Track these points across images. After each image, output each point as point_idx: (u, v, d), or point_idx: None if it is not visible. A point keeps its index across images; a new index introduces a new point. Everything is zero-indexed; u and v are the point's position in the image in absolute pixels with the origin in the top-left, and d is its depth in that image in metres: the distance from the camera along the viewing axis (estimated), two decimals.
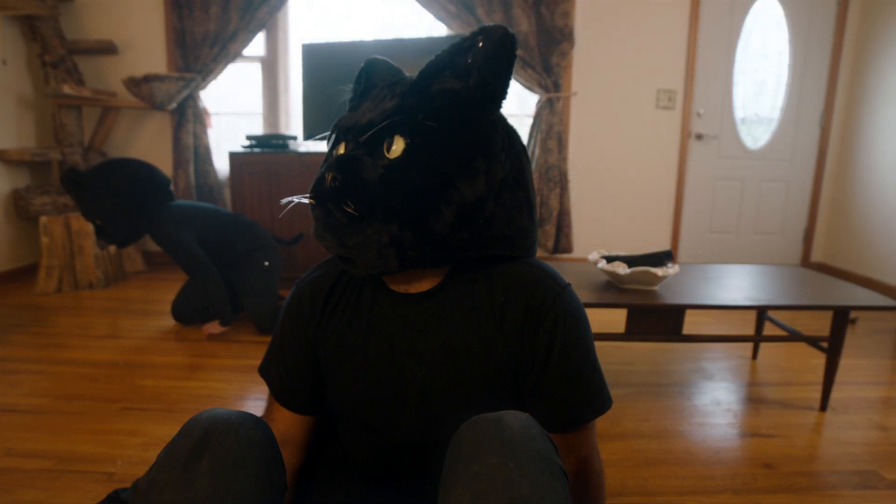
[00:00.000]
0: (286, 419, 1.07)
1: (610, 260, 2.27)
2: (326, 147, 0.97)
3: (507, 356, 0.94)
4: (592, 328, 0.99)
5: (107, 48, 4.41)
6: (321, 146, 4.28)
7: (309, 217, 3.53)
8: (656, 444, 1.96)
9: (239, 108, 4.74)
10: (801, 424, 2.14)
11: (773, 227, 4.74)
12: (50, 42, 4.16)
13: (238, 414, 0.85)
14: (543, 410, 0.95)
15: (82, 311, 3.41)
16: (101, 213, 2.76)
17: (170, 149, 4.55)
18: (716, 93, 4.52)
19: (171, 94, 4.20)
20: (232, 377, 2.47)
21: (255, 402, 2.24)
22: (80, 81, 4.33)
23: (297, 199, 0.90)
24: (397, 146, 0.84)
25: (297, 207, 3.78)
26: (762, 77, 4.56)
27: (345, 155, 0.86)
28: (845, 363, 2.69)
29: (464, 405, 0.93)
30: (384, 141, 0.85)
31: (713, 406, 2.28)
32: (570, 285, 0.97)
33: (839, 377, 2.47)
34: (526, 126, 4.51)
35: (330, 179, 0.83)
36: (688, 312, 2.13)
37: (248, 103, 4.72)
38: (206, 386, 2.39)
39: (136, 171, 2.83)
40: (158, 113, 4.54)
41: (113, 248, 4.10)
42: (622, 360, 2.75)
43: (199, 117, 4.45)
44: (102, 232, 2.81)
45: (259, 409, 2.08)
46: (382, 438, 1.03)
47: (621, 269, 2.15)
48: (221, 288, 2.93)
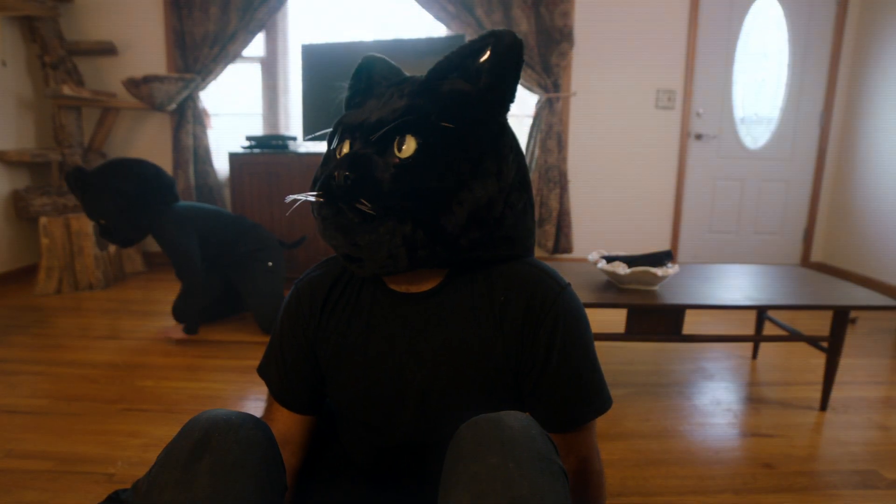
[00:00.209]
0: (286, 419, 1.07)
1: (610, 260, 2.27)
2: (328, 145, 0.97)
3: (506, 356, 0.94)
4: (592, 328, 1.00)
5: (106, 49, 4.41)
6: (321, 147, 4.28)
7: (309, 218, 3.49)
8: (656, 444, 1.96)
9: (238, 108, 4.74)
10: (801, 424, 2.14)
11: (773, 226, 4.74)
12: (49, 43, 4.16)
13: (238, 415, 0.85)
14: (543, 410, 0.95)
15: (82, 312, 3.41)
16: (105, 212, 2.76)
17: (169, 149, 4.55)
18: (715, 92, 4.52)
19: (170, 94, 4.21)
20: (232, 378, 2.47)
21: (255, 403, 2.24)
22: (79, 82, 4.34)
23: (303, 197, 0.88)
24: (409, 146, 0.84)
25: (299, 209, 3.78)
26: (762, 76, 4.56)
27: (355, 153, 0.86)
28: (845, 363, 2.69)
29: (463, 405, 0.93)
30: (394, 140, 0.85)
31: (713, 406, 2.28)
32: (570, 285, 0.98)
33: (839, 377, 2.47)
34: (525, 126, 4.51)
35: (342, 177, 0.83)
36: (688, 312, 2.13)
37: (248, 104, 4.72)
38: (206, 387, 2.39)
39: (142, 172, 2.82)
40: (158, 114, 4.54)
41: (113, 248, 4.11)
42: (622, 360, 2.76)
43: (198, 118, 4.45)
44: (106, 232, 2.81)
45: (259, 409, 2.08)
46: (382, 438, 1.03)
47: (621, 269, 2.15)
48: (201, 298, 2.91)
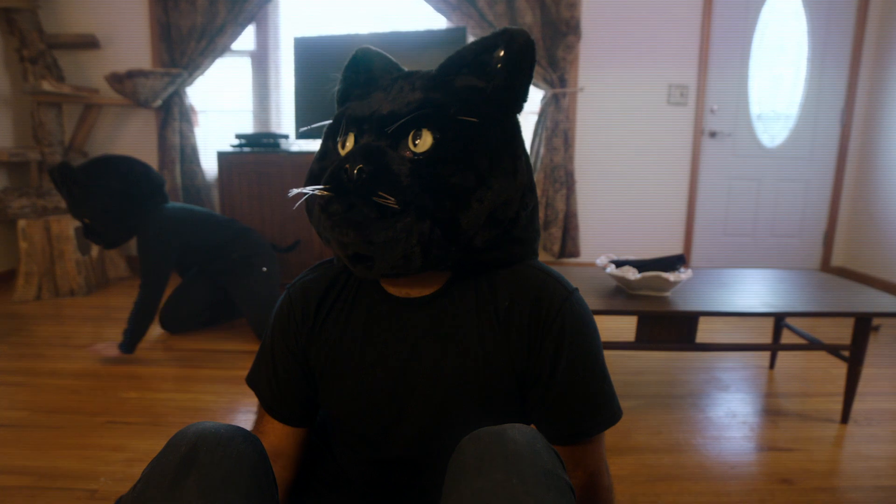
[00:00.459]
0: (277, 432, 1.06)
1: (619, 264, 2.27)
2: (325, 138, 0.97)
3: (511, 365, 0.94)
4: (601, 336, 1.00)
5: (88, 42, 4.42)
6: (315, 145, 4.28)
7: (303, 221, 3.49)
8: (668, 459, 1.96)
9: (227, 105, 4.75)
10: (821, 437, 2.14)
11: (791, 229, 4.75)
12: (28, 36, 4.17)
13: (227, 428, 0.85)
14: (549, 422, 0.95)
15: (63, 320, 3.42)
16: (90, 211, 2.75)
17: (155, 148, 4.57)
18: (730, 88, 4.53)
19: (156, 90, 4.22)
20: (221, 389, 2.48)
21: (246, 416, 2.24)
22: (60, 78, 4.35)
23: (310, 191, 0.87)
24: (425, 140, 0.85)
25: (291, 211, 3.78)
26: (779, 71, 4.57)
27: (368, 145, 0.86)
28: (868, 373, 2.70)
29: (465, 417, 0.94)
30: (409, 134, 0.86)
31: (728, 418, 2.28)
32: (578, 290, 0.98)
33: (861, 387, 2.47)
34: (530, 123, 4.52)
35: (355, 170, 0.82)
36: (701, 320, 2.14)
37: (238, 100, 4.73)
38: (195, 398, 2.39)
39: (131, 170, 2.82)
40: (143, 111, 4.56)
41: (95, 253, 4.11)
42: (632, 369, 2.76)
43: (185, 115, 4.46)
44: (90, 231, 2.81)
45: (250, 422, 2.08)
46: (378, 452, 1.02)
47: (631, 274, 2.15)
48: (153, 317, 2.83)
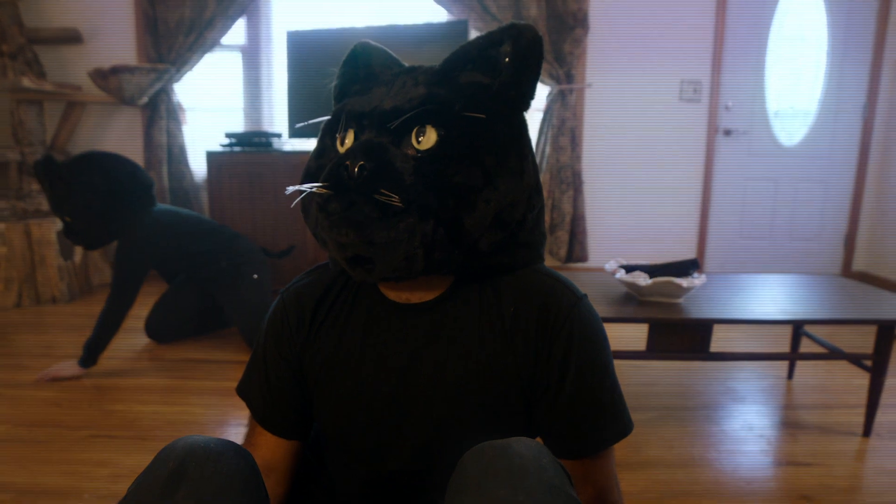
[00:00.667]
0: (270, 445, 1.06)
1: (629, 269, 2.27)
2: (323, 135, 0.97)
3: (517, 375, 0.94)
4: (610, 344, 1.00)
5: (71, 37, 4.44)
6: (309, 144, 4.29)
7: (296, 225, 3.48)
8: (682, 474, 1.97)
9: (217, 102, 4.77)
10: (842, 452, 2.14)
11: (811, 232, 4.75)
12: (8, 30, 4.19)
13: (218, 442, 0.85)
14: (557, 435, 0.95)
15: (45, 328, 3.42)
16: (72, 209, 2.74)
17: (141, 148, 4.58)
18: (746, 83, 4.54)
19: (142, 87, 4.23)
20: (211, 401, 2.48)
21: (237, 429, 2.25)
22: (41, 74, 4.36)
23: (308, 188, 0.87)
24: (428, 137, 0.85)
25: (284, 215, 3.79)
26: (798, 65, 4.58)
27: (369, 141, 0.86)
28: (891, 383, 2.69)
29: (467, 430, 0.94)
30: (412, 130, 0.86)
31: (745, 431, 2.29)
32: (587, 296, 0.98)
33: (884, 399, 2.47)
34: (535, 121, 4.53)
35: (356, 167, 0.82)
36: (716, 328, 2.14)
37: (228, 97, 4.75)
38: (183, 411, 2.40)
39: (118, 169, 2.82)
40: (128, 108, 4.57)
41: (78, 258, 4.12)
42: (643, 380, 2.76)
43: (173, 113, 4.48)
44: (70, 231, 2.79)
45: (242, 435, 2.08)
46: (376, 467, 1.02)
47: (642, 279, 2.16)
48: (118, 327, 2.80)
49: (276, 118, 4.72)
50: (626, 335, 2.46)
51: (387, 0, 4.59)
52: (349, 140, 0.91)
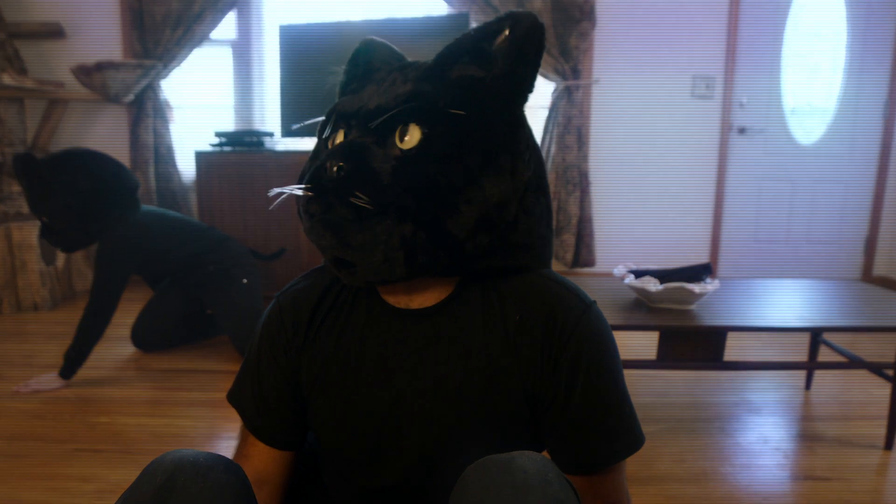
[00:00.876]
0: (262, 455, 1.06)
1: (639, 275, 2.28)
2: (318, 135, 0.98)
3: (522, 385, 0.93)
4: (619, 353, 0.99)
5: (53, 31, 4.45)
6: (303, 144, 4.30)
7: (289, 228, 3.48)
8: (694, 489, 1.97)
9: (206, 100, 4.77)
10: (862, 466, 2.14)
11: (829, 235, 4.75)
12: None
13: (207, 456, 0.85)
14: (564, 449, 0.95)
15: (26, 337, 3.43)
16: (51, 209, 2.70)
17: (126, 148, 4.58)
18: (761, 79, 4.55)
19: (127, 84, 4.23)
20: (200, 413, 2.48)
21: (228, 442, 2.25)
22: (21, 70, 4.36)
23: (289, 191, 0.89)
24: (412, 136, 0.85)
25: (276, 218, 3.79)
26: (815, 60, 4.58)
27: (351, 142, 0.87)
28: None
29: (469, 443, 0.94)
30: (396, 129, 0.86)
31: (760, 444, 2.29)
32: (595, 302, 0.98)
33: None
34: (540, 119, 4.53)
35: (334, 169, 0.83)
36: (730, 335, 2.14)
37: (217, 95, 4.75)
38: (171, 423, 2.40)
39: (102, 168, 2.80)
40: (113, 106, 4.58)
41: (61, 263, 4.12)
42: (653, 391, 2.77)
43: (160, 111, 4.49)
44: (48, 232, 2.76)
45: (232, 449, 2.09)
46: (373, 480, 1.02)
47: (652, 285, 2.16)
48: (100, 335, 2.80)
49: (268, 117, 4.73)
50: (636, 343, 2.46)
51: None
52: (339, 140, 0.91)
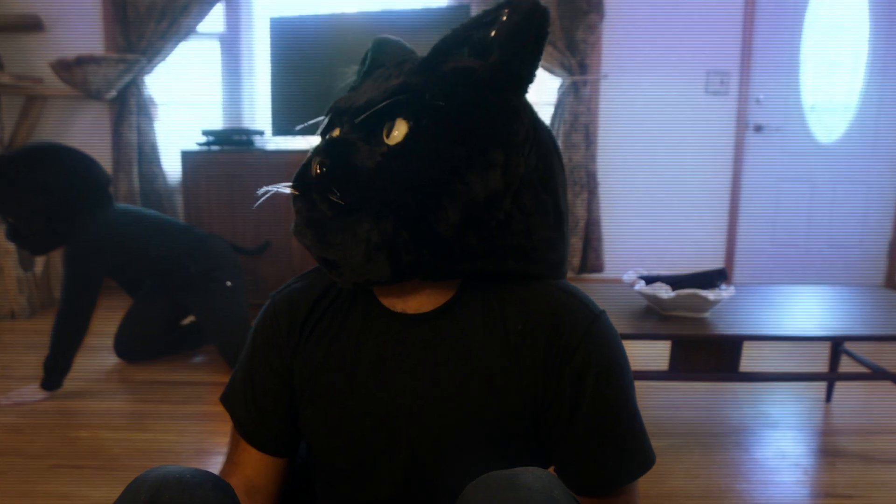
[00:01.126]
0: (255, 463, 1.06)
1: (650, 281, 2.28)
2: (320, 136, 0.99)
3: (524, 398, 0.93)
4: (630, 365, 0.98)
5: (31, 24, 4.45)
6: (295, 143, 4.30)
7: (280, 231, 3.47)
8: None
9: (193, 96, 4.78)
10: (886, 483, 2.14)
11: (851, 239, 4.75)
12: None
13: (194, 472, 0.85)
14: (571, 468, 0.94)
15: (2, 346, 3.43)
16: (16, 209, 2.69)
17: (109, 147, 4.59)
18: (779, 74, 4.56)
19: (109, 79, 4.24)
20: (186, 427, 2.49)
21: (216, 458, 2.25)
22: None
23: (276, 189, 0.91)
24: (399, 130, 0.86)
25: (264, 214, 3.79)
26: (836, 54, 4.59)
27: (336, 138, 0.88)
28: None
29: (469, 457, 0.93)
30: (384, 124, 0.87)
31: (778, 460, 2.29)
32: (605, 312, 0.97)
33: None
34: (545, 116, 4.53)
35: (317, 166, 0.85)
36: (746, 345, 2.14)
37: (205, 91, 4.77)
38: (155, 438, 2.40)
39: (72, 165, 2.78)
40: (95, 103, 4.58)
41: (40, 268, 4.12)
42: (665, 404, 2.77)
43: (144, 108, 4.49)
44: (15, 234, 2.76)
45: (220, 465, 2.09)
46: (365, 492, 1.02)
47: (664, 291, 2.16)
48: (80, 341, 2.80)
49: (258, 114, 4.74)
50: (647, 353, 2.46)
51: None
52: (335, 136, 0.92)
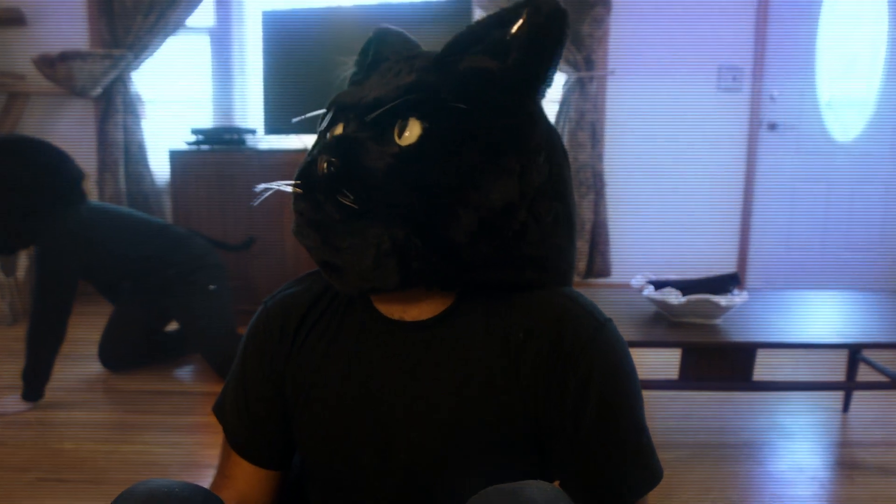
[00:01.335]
0: (247, 476, 1.06)
1: (659, 286, 2.29)
2: (318, 130, 0.98)
3: (527, 410, 0.93)
4: (637, 374, 0.98)
5: (12, 18, 4.45)
6: (289, 142, 4.30)
7: (274, 235, 3.45)
8: None
9: (182, 93, 4.79)
10: None
11: (869, 241, 4.74)
12: None
13: (183, 486, 0.85)
14: (576, 484, 0.93)
15: None
16: None
17: (94, 146, 4.59)
18: (794, 70, 4.56)
19: (94, 76, 4.24)
20: (175, 439, 2.49)
21: (206, 471, 2.25)
22: None
23: (277, 186, 0.90)
24: (412, 131, 0.85)
25: (256, 217, 3.78)
26: (854, 48, 4.59)
27: (344, 136, 0.87)
28: None
29: (470, 470, 0.93)
30: (395, 124, 0.86)
31: (793, 473, 2.29)
32: (611, 320, 0.97)
33: None
34: (550, 114, 4.49)
35: (324, 164, 0.83)
36: (760, 353, 2.14)
37: (194, 88, 4.77)
38: (144, 450, 2.41)
39: (41, 159, 2.75)
40: (79, 101, 4.59)
41: (22, 272, 4.12)
42: (675, 414, 2.77)
43: (130, 106, 4.49)
44: None
45: (211, 479, 2.09)
46: None
47: (673, 297, 2.17)
48: (58, 346, 2.77)
49: (250, 112, 4.74)
50: (656, 362, 2.46)
51: None
52: (338, 132, 0.91)
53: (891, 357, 3.35)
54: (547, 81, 0.93)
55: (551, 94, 3.81)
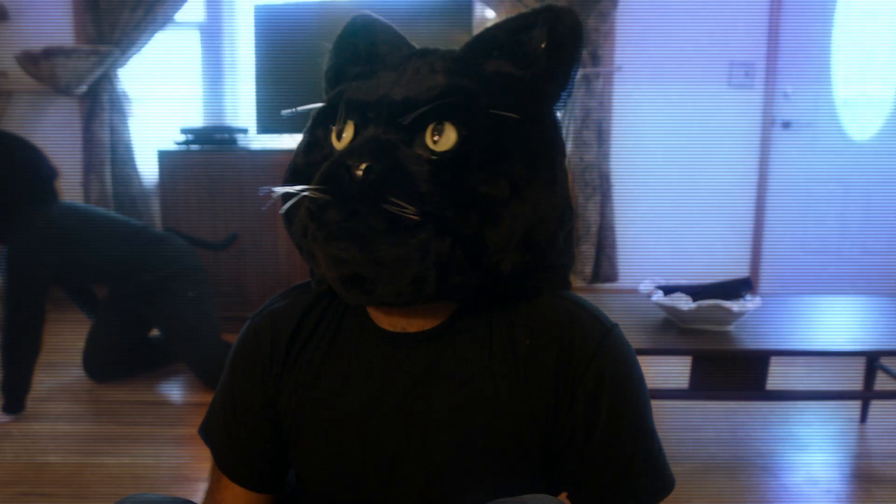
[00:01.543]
0: (237, 499, 1.05)
1: (668, 291, 2.29)
2: (312, 124, 0.97)
3: (533, 421, 0.92)
4: (646, 382, 0.98)
5: None
6: (282, 142, 4.30)
7: (266, 241, 3.43)
8: None
9: (171, 91, 4.77)
10: None
11: (887, 245, 4.73)
12: None
13: (172, 501, 0.85)
14: (586, 494, 0.94)
15: None
16: None
17: (79, 146, 4.58)
18: (809, 66, 4.55)
19: (80, 73, 4.25)
20: (164, 451, 2.49)
21: (196, 485, 2.25)
22: None
23: (299, 191, 0.85)
24: (448, 136, 0.84)
25: (250, 226, 3.78)
26: (871, 44, 4.59)
27: (378, 139, 0.84)
28: None
29: (474, 485, 0.93)
30: (427, 127, 0.85)
31: (808, 486, 2.29)
32: (618, 326, 0.97)
33: None
34: None
35: (361, 169, 0.80)
36: (773, 361, 2.14)
37: (183, 85, 4.76)
38: (131, 463, 2.40)
39: (10, 155, 2.75)
40: (64, 99, 4.58)
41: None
42: (685, 424, 2.77)
43: (117, 104, 4.49)
44: None
45: (201, 494, 2.09)
46: None
47: (683, 302, 2.17)
48: (36, 354, 2.76)
49: (242, 111, 4.73)
50: (665, 370, 2.46)
51: None
52: (348, 134, 0.89)
53: None
54: (569, 89, 0.94)
55: None
